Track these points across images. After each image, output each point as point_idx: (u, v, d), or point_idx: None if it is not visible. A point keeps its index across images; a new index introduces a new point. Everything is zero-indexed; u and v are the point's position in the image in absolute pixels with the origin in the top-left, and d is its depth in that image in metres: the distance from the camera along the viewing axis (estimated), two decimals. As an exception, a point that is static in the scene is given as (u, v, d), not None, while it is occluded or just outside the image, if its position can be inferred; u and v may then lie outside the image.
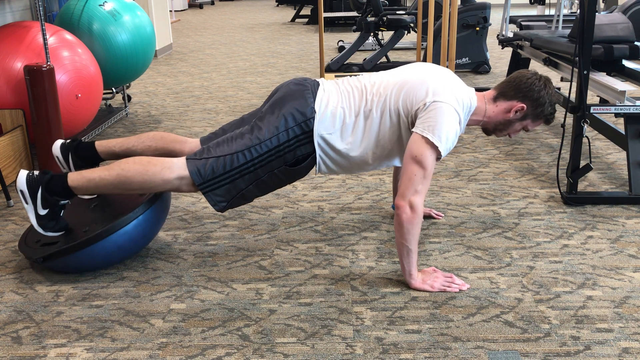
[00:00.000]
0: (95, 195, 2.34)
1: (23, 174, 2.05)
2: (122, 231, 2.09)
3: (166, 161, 2.05)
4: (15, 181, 3.10)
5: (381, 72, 2.19)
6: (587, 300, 1.93)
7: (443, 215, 2.59)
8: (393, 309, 1.90)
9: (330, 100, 2.09)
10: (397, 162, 2.20)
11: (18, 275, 2.16)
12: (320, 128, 2.06)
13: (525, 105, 2.10)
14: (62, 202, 2.09)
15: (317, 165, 2.14)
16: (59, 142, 2.34)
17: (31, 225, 2.26)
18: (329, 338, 1.76)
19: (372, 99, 2.08)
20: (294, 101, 2.08)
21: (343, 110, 2.07)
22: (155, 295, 2.02)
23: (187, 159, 2.06)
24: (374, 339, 1.75)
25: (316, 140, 2.06)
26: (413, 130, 1.97)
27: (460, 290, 1.99)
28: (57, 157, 2.33)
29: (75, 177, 2.06)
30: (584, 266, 2.14)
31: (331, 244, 2.36)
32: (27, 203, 2.04)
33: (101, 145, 2.32)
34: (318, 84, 2.16)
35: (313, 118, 2.05)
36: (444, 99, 1.98)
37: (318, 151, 2.09)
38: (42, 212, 2.06)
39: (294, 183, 3.00)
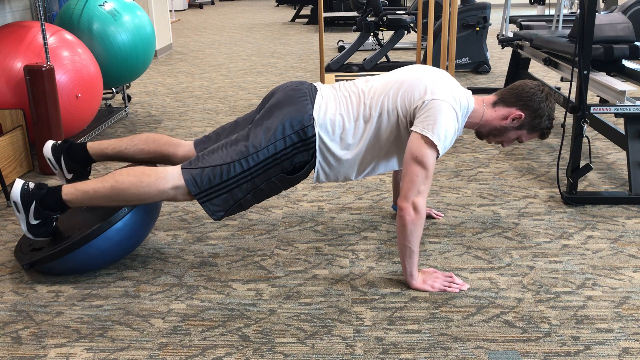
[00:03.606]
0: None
1: (18, 185, 2.02)
2: (102, 236, 2.05)
3: (160, 171, 2.02)
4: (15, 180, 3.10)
5: (378, 75, 2.18)
6: (587, 300, 1.93)
7: (443, 215, 2.59)
8: (393, 309, 1.90)
9: (328, 107, 2.07)
10: (395, 165, 2.18)
11: (18, 275, 2.16)
12: (321, 135, 2.04)
13: (523, 114, 2.09)
14: (54, 215, 2.07)
15: (316, 174, 2.11)
16: (49, 144, 2.30)
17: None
18: (329, 338, 1.76)
19: (370, 102, 2.06)
20: (291, 107, 2.05)
21: (342, 116, 2.06)
22: (155, 295, 2.02)
23: (182, 167, 2.03)
24: (374, 339, 1.75)
25: (318, 146, 2.04)
26: (412, 129, 1.97)
27: (460, 290, 1.99)
28: (49, 158, 2.29)
29: (69, 191, 2.03)
30: (584, 266, 2.14)
31: (331, 244, 2.36)
32: (19, 212, 2.03)
33: (93, 147, 2.29)
34: (316, 89, 2.13)
35: (311, 125, 2.03)
36: (442, 97, 1.97)
37: (318, 157, 2.07)
38: (34, 222, 2.04)
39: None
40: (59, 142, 2.33)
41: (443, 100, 1.96)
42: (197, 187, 2.00)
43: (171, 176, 2.00)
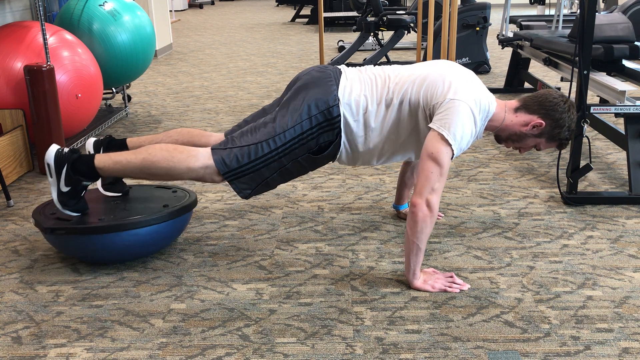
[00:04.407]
0: (119, 194, 2.37)
1: (54, 148, 2.11)
2: (134, 231, 2.11)
3: (192, 149, 2.10)
4: (16, 180, 3.10)
5: (406, 65, 2.21)
6: (587, 300, 1.93)
7: (443, 215, 2.59)
8: (393, 309, 1.90)
9: (353, 88, 2.11)
10: (412, 155, 2.21)
11: (18, 275, 2.16)
12: (345, 115, 2.08)
13: (544, 123, 2.08)
14: (85, 182, 2.13)
15: (339, 154, 2.16)
16: (92, 139, 2.40)
17: (52, 200, 2.28)
18: (329, 338, 1.76)
19: (394, 88, 2.09)
20: (317, 89, 2.10)
21: (366, 98, 2.10)
22: (155, 295, 2.02)
23: (212, 148, 2.10)
24: (374, 339, 1.75)
25: (342, 126, 2.09)
26: (430, 125, 1.98)
27: (460, 290, 1.99)
28: (89, 151, 2.37)
29: (102, 158, 2.11)
30: (584, 266, 2.14)
31: (331, 244, 2.36)
32: (51, 177, 2.10)
33: (132, 142, 2.39)
34: (340, 72, 2.18)
35: (336, 105, 2.08)
36: (463, 97, 1.98)
37: (343, 137, 2.11)
38: (64, 189, 2.10)
39: (294, 183, 3.00)
40: (102, 137, 2.41)
41: (463, 102, 1.97)
42: (225, 166, 2.07)
43: (202, 155, 2.07)
